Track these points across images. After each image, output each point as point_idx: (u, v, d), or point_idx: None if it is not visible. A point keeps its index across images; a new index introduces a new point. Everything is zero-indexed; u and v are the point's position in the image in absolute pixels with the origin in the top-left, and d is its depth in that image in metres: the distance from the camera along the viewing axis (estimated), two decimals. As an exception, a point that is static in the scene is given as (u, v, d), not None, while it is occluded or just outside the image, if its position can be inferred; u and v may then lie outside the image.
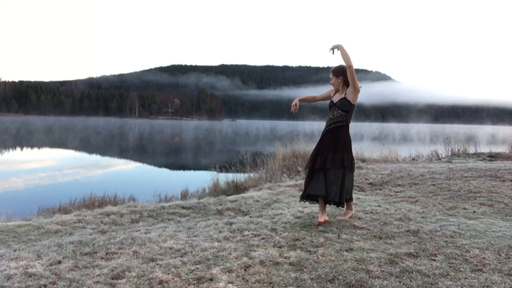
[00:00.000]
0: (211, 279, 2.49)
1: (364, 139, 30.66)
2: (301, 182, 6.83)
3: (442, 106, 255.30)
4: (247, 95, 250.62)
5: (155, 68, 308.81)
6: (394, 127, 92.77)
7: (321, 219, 3.92)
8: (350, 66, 3.89)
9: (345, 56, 3.89)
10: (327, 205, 4.12)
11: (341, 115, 4.05)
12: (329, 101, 4.19)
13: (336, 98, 4.11)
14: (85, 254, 3.00)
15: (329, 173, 3.97)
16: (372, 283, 2.43)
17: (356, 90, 3.97)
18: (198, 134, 48.77)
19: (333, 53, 3.97)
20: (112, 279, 2.52)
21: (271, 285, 2.43)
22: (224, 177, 9.04)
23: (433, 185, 6.13)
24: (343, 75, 4.01)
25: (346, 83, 4.04)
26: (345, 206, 4.19)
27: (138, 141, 34.77)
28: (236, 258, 2.86)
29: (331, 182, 3.94)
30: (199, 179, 9.80)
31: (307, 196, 4.10)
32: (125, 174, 14.57)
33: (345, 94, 4.03)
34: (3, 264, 2.78)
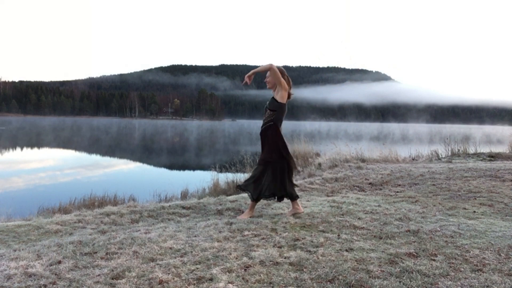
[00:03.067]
0: (211, 279, 2.49)
1: (364, 139, 30.64)
2: (301, 182, 6.83)
3: (442, 106, 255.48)
4: (247, 95, 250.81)
5: (155, 68, 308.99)
6: (394, 127, 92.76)
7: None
8: (271, 67, 4.08)
9: (260, 70, 4.12)
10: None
11: (270, 114, 4.21)
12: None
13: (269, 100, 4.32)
14: (85, 254, 3.00)
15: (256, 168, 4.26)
16: (372, 283, 2.43)
17: (283, 88, 4.14)
18: (199, 134, 48.77)
19: (248, 83, 4.20)
20: (112, 279, 2.52)
21: (271, 285, 2.43)
22: (224, 177, 9.03)
23: (433, 185, 6.13)
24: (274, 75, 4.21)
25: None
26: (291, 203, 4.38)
27: (139, 141, 34.77)
28: (236, 258, 2.86)
29: (254, 175, 4.25)
30: (199, 179, 9.79)
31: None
32: (125, 174, 14.56)
33: (274, 94, 4.23)
34: (3, 264, 2.78)
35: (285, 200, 5.32)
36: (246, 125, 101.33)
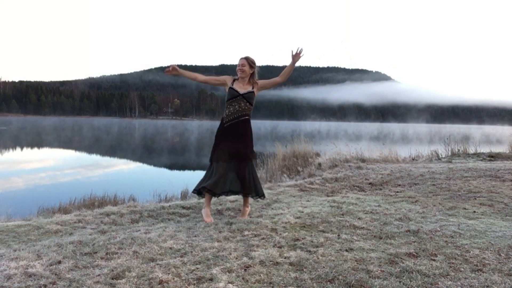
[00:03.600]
0: (211, 279, 2.49)
1: (364, 139, 30.64)
2: (301, 182, 6.83)
3: (442, 106, 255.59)
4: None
5: (155, 68, 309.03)
6: (394, 127, 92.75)
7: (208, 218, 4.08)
8: (284, 81, 4.17)
9: (291, 71, 4.14)
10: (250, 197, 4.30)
11: (248, 108, 4.12)
12: (230, 90, 4.10)
13: (242, 89, 4.09)
14: (85, 254, 3.00)
15: (246, 166, 4.11)
16: (372, 283, 2.43)
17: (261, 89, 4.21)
18: (199, 134, 48.76)
19: (298, 53, 4.10)
20: (112, 279, 2.52)
21: (271, 285, 2.43)
22: (224, 177, 9.01)
23: (433, 185, 6.13)
24: (255, 69, 4.13)
25: (252, 77, 4.14)
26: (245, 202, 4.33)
27: (140, 141, 34.76)
28: (236, 258, 2.86)
29: (249, 175, 4.11)
30: (199, 179, 9.78)
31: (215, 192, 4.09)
32: (125, 174, 14.57)
33: (253, 88, 4.12)
34: (3, 264, 2.78)
35: (285, 200, 5.32)
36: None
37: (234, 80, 4.15)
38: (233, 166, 4.08)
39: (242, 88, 4.10)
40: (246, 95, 4.08)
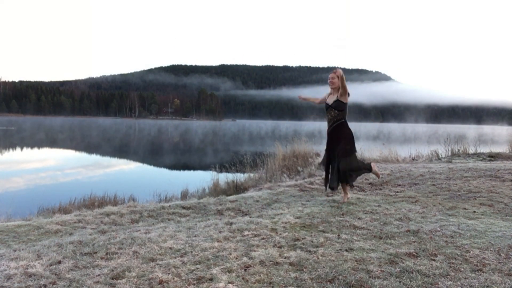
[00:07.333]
0: (211, 279, 2.49)
1: (364, 139, 30.63)
2: (301, 182, 6.83)
3: (442, 106, 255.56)
4: (247, 95, 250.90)
5: (155, 68, 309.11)
6: (394, 127, 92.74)
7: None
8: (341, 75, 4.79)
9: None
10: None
11: (338, 114, 4.84)
12: (325, 104, 4.96)
13: (331, 100, 4.87)
14: (85, 254, 3.00)
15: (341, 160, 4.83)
16: (372, 283, 2.43)
17: (346, 93, 4.78)
18: (199, 134, 48.74)
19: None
20: (112, 279, 2.52)
21: (271, 285, 2.43)
22: (224, 177, 9.03)
23: (433, 185, 6.12)
24: (341, 79, 4.81)
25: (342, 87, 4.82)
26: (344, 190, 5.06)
27: (140, 141, 34.75)
28: (236, 258, 2.86)
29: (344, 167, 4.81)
30: (199, 179, 9.79)
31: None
32: (125, 174, 14.56)
33: (337, 96, 4.81)
34: (3, 264, 2.78)
35: (285, 200, 5.32)
36: (247, 125, 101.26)
37: (329, 95, 4.97)
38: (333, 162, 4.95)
39: (331, 99, 4.88)
40: (333, 105, 4.83)
